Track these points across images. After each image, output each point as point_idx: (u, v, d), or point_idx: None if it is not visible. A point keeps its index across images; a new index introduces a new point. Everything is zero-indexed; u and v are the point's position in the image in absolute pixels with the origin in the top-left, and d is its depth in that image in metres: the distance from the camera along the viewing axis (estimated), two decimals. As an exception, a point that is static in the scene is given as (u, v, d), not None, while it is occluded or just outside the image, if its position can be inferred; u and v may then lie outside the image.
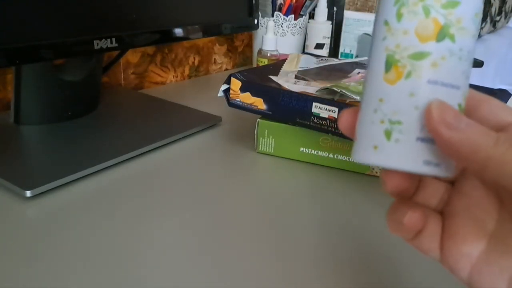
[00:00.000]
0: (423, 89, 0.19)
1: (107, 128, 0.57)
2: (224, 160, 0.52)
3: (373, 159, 0.21)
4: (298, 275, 0.34)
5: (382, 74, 0.20)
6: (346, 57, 0.92)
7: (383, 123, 0.20)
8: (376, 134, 0.21)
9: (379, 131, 0.20)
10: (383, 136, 0.20)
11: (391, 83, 0.20)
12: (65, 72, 0.57)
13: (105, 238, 0.37)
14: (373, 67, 0.21)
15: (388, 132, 0.20)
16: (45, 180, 0.43)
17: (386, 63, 0.20)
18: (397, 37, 0.20)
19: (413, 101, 0.20)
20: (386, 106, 0.20)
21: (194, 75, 0.92)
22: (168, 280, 0.33)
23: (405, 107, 0.20)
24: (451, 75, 0.20)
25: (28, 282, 0.32)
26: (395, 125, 0.20)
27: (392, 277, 0.35)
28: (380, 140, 0.20)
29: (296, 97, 0.49)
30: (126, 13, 0.54)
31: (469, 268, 0.21)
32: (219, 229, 0.39)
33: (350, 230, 0.40)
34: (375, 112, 0.21)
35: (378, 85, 0.21)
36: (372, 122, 0.21)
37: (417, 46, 0.20)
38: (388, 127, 0.20)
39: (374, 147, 0.21)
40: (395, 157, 0.20)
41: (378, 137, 0.20)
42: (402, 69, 0.20)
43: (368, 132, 0.21)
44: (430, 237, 0.23)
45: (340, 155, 0.51)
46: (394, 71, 0.20)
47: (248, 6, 0.72)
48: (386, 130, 0.20)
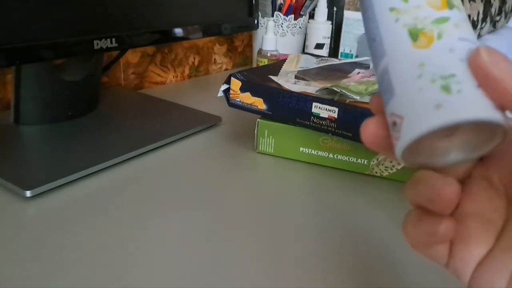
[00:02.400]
0: (458, 44, 0.20)
1: (107, 128, 0.57)
2: (224, 160, 0.52)
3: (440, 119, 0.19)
4: (298, 274, 0.34)
5: (410, 45, 0.21)
6: (346, 57, 0.92)
7: (435, 83, 0.19)
8: (432, 95, 0.19)
9: (434, 91, 0.19)
10: (442, 93, 0.19)
11: (426, 47, 0.20)
12: (65, 72, 0.57)
13: (105, 238, 0.37)
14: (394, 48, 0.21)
15: (446, 87, 0.19)
16: (45, 180, 0.43)
17: (411, 35, 0.21)
18: (411, 13, 0.21)
19: (455, 55, 0.20)
20: (431, 66, 0.20)
21: (194, 75, 0.92)
22: (168, 280, 0.33)
23: (451, 62, 0.20)
24: (472, 35, 0.21)
25: (28, 282, 0.32)
26: (450, 78, 0.19)
27: (392, 277, 0.35)
28: (441, 98, 0.19)
29: (296, 97, 0.49)
30: (126, 13, 0.54)
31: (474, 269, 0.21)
32: (219, 229, 0.39)
33: (350, 229, 0.40)
34: (419, 78, 0.20)
35: (411, 55, 0.20)
36: (420, 88, 0.20)
37: (434, 14, 0.21)
38: (444, 83, 0.19)
39: (437, 106, 0.19)
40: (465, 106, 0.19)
41: (436, 96, 0.19)
42: (431, 33, 0.20)
43: (420, 99, 0.20)
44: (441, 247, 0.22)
45: (339, 155, 0.51)
46: (423, 37, 0.20)
47: (248, 6, 0.72)
48: (443, 86, 0.19)
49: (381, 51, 0.22)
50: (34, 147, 0.50)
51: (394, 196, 0.46)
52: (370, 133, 0.22)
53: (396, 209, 0.44)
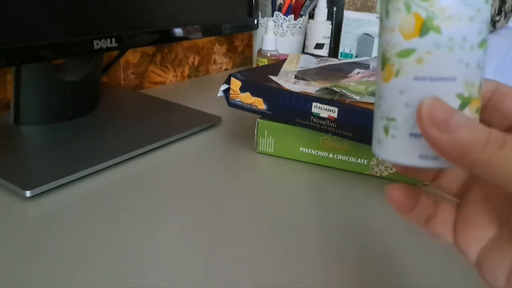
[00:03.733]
0: (411, 86, 0.19)
1: (107, 128, 0.57)
2: (224, 160, 0.52)
3: (377, 152, 0.22)
4: (298, 274, 0.34)
5: (380, 73, 0.21)
6: (346, 57, 0.92)
7: (382, 120, 0.21)
8: (379, 130, 0.21)
9: (380, 127, 0.21)
10: (383, 132, 0.21)
11: (386, 81, 0.20)
12: (65, 72, 0.57)
13: (105, 238, 0.37)
14: (377, 68, 0.22)
15: (386, 128, 0.21)
16: (45, 180, 0.43)
17: (381, 61, 0.21)
18: (386, 35, 0.20)
19: (403, 98, 0.20)
20: (383, 103, 0.21)
21: (194, 75, 0.92)
22: (168, 280, 0.33)
23: (397, 105, 0.20)
24: (440, 68, 0.19)
25: (28, 282, 0.32)
26: (391, 122, 0.21)
27: (393, 277, 0.35)
28: (381, 136, 0.21)
29: (296, 97, 0.49)
30: (126, 13, 0.54)
31: (478, 252, 0.22)
32: (219, 229, 0.39)
33: (350, 229, 0.40)
34: (378, 109, 0.21)
35: (379, 83, 0.21)
36: (377, 118, 0.22)
37: (402, 43, 0.19)
38: (386, 124, 0.21)
39: (378, 141, 0.22)
40: (393, 152, 0.21)
41: (380, 133, 0.21)
42: (392, 68, 0.20)
43: (375, 127, 0.22)
44: (442, 222, 0.23)
45: (339, 155, 0.51)
46: (386, 69, 0.20)
47: (248, 6, 0.72)
48: (384, 126, 0.21)
49: None
50: (34, 147, 0.50)
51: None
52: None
53: (396, 209, 0.44)
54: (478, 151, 0.18)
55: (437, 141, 0.18)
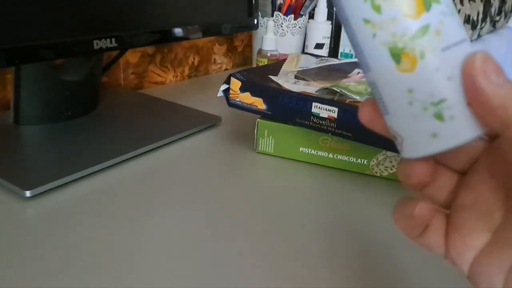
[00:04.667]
0: (443, 59, 0.19)
1: (106, 128, 0.57)
2: (224, 160, 0.52)
3: (437, 147, 0.20)
4: (298, 274, 0.34)
5: (395, 68, 0.20)
6: (346, 57, 0.92)
7: (427, 110, 0.20)
8: (427, 123, 0.20)
9: (428, 119, 0.20)
10: (436, 121, 0.20)
11: (410, 71, 0.19)
12: (64, 72, 0.57)
13: (105, 238, 0.37)
14: (378, 68, 0.20)
15: (438, 115, 0.19)
16: (45, 180, 0.43)
17: (392, 56, 0.20)
18: (388, 28, 0.19)
19: (442, 74, 0.19)
20: (420, 93, 0.20)
21: (193, 75, 0.92)
22: (168, 280, 0.33)
23: (439, 84, 0.19)
24: (455, 32, 0.19)
25: (28, 282, 0.32)
26: (441, 105, 0.19)
27: (393, 277, 0.35)
28: (436, 126, 0.20)
29: (296, 97, 0.49)
30: (126, 13, 0.54)
31: (471, 261, 0.21)
32: (219, 229, 0.39)
33: (350, 229, 0.40)
34: (411, 105, 0.20)
35: (397, 79, 0.20)
36: (414, 116, 0.20)
37: (412, 26, 0.19)
38: (436, 110, 0.19)
39: (433, 135, 0.20)
40: (459, 132, 0.20)
41: (432, 125, 0.20)
42: (412, 53, 0.19)
43: (415, 126, 0.20)
44: (435, 232, 0.23)
45: (339, 155, 0.51)
46: (405, 59, 0.19)
47: (248, 6, 0.72)
48: (435, 114, 0.19)
49: (366, 65, 0.21)
50: (34, 147, 0.50)
51: (394, 196, 0.46)
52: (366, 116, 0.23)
53: (396, 209, 0.44)
54: None
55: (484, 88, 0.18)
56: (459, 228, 0.22)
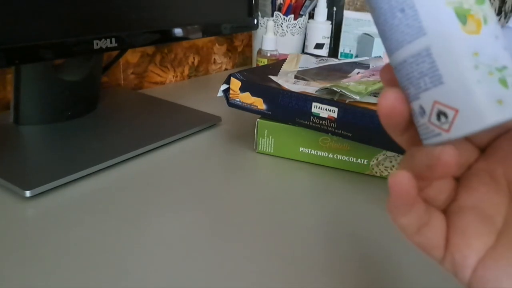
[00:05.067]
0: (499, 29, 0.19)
1: (106, 128, 0.57)
2: (223, 160, 0.52)
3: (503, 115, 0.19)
4: (298, 274, 0.34)
5: (460, 29, 0.19)
6: (346, 57, 0.92)
7: (492, 75, 0.19)
8: (492, 89, 0.19)
9: (494, 85, 0.19)
10: (500, 87, 0.19)
11: (476, 33, 0.19)
12: (64, 72, 0.57)
13: (104, 238, 0.37)
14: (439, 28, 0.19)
15: (503, 81, 0.19)
16: (45, 180, 0.43)
17: (458, 16, 0.19)
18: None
19: (500, 43, 0.19)
20: (485, 57, 0.19)
21: (193, 75, 0.92)
22: (168, 280, 0.33)
23: (500, 50, 0.19)
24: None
25: (28, 282, 0.32)
26: (505, 71, 0.19)
27: (393, 276, 0.35)
28: (501, 92, 0.19)
29: (296, 97, 0.49)
30: (126, 13, 0.54)
31: (475, 264, 0.21)
32: (219, 229, 0.39)
33: (349, 229, 0.40)
34: (476, 69, 0.19)
35: (463, 41, 0.19)
36: (479, 80, 0.19)
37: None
38: (501, 76, 0.19)
39: (498, 101, 0.19)
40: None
41: (496, 91, 0.19)
42: (477, 16, 0.19)
43: (479, 92, 0.19)
44: (435, 234, 0.22)
45: (339, 155, 0.51)
46: (471, 21, 0.19)
47: (247, 6, 0.72)
48: (500, 79, 0.19)
49: (417, 29, 0.20)
50: (34, 147, 0.50)
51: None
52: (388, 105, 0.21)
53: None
54: None
55: None
56: (462, 231, 0.21)
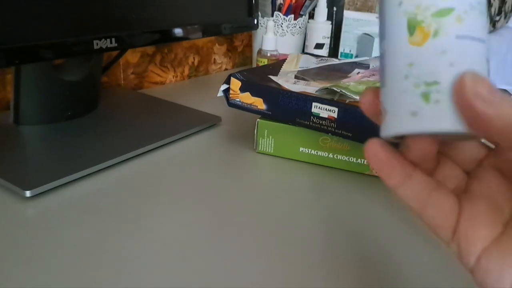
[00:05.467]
0: (454, 45, 0.19)
1: (106, 128, 0.57)
2: (223, 160, 0.52)
3: (413, 126, 0.20)
4: (298, 274, 0.34)
5: (407, 38, 0.20)
6: (346, 57, 0.92)
7: (418, 87, 0.19)
8: (412, 100, 0.20)
9: (415, 96, 0.20)
10: (421, 100, 0.19)
11: (419, 45, 0.19)
12: (64, 72, 0.57)
13: (105, 238, 0.37)
14: (392, 35, 0.20)
15: (426, 95, 0.19)
16: (45, 180, 0.43)
17: (409, 26, 0.20)
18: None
19: (447, 58, 0.19)
20: (419, 69, 0.20)
21: (193, 75, 0.92)
22: (168, 280, 0.33)
23: (440, 66, 0.19)
24: (476, 29, 0.19)
25: (28, 282, 0.32)
26: (432, 86, 0.19)
27: (393, 277, 0.35)
28: (418, 105, 0.19)
29: (296, 97, 0.49)
30: (126, 13, 0.54)
31: (479, 252, 0.21)
32: (219, 229, 0.39)
33: (349, 229, 0.40)
34: (406, 79, 0.20)
35: (404, 51, 0.20)
36: (404, 90, 0.20)
37: (439, 3, 0.19)
38: (426, 90, 0.19)
39: (412, 113, 0.20)
40: (437, 118, 0.19)
41: (415, 103, 0.20)
42: (428, 29, 0.19)
43: (401, 101, 0.20)
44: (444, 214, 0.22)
45: (339, 155, 0.51)
46: (419, 32, 0.19)
47: (247, 6, 0.72)
48: (423, 93, 0.19)
49: (382, 33, 0.21)
50: (34, 147, 0.50)
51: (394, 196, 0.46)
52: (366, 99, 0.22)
53: (396, 209, 0.44)
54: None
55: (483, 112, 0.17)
56: (472, 217, 0.21)
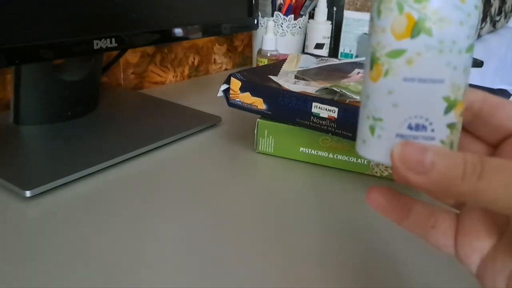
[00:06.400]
0: (399, 86, 0.20)
1: (107, 128, 0.57)
2: (224, 160, 0.52)
3: (362, 152, 0.22)
4: (297, 274, 0.34)
5: (368, 72, 0.21)
6: (346, 57, 0.92)
7: (368, 119, 0.21)
8: (364, 129, 0.22)
9: (366, 127, 0.21)
10: (368, 132, 0.21)
11: (374, 81, 0.20)
12: (64, 72, 0.57)
13: (105, 238, 0.37)
14: (365, 65, 0.22)
15: (372, 128, 0.21)
16: (45, 180, 0.43)
17: (371, 61, 0.21)
18: (377, 35, 0.20)
19: (391, 98, 0.20)
20: (371, 103, 0.21)
21: (193, 75, 0.92)
22: (168, 280, 0.33)
23: (384, 105, 0.20)
24: (429, 70, 0.19)
25: (28, 282, 0.32)
26: (377, 122, 0.21)
27: (393, 277, 0.35)
28: (367, 135, 0.21)
29: (296, 97, 0.48)
30: (126, 13, 0.54)
31: (478, 262, 0.22)
32: (219, 229, 0.39)
33: (349, 229, 0.40)
34: (364, 108, 0.22)
35: (366, 82, 0.21)
36: (362, 117, 0.22)
37: (392, 44, 0.19)
38: (372, 123, 0.21)
39: (363, 141, 0.22)
40: (379, 152, 0.21)
41: (365, 132, 0.22)
42: (381, 67, 0.20)
43: (360, 126, 0.22)
44: (444, 233, 0.23)
45: (339, 155, 0.51)
46: (375, 69, 0.20)
47: (248, 6, 0.72)
48: (370, 126, 0.21)
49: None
50: (34, 147, 0.50)
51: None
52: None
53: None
54: (459, 184, 0.18)
55: (417, 184, 0.19)
56: (467, 231, 0.22)
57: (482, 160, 0.18)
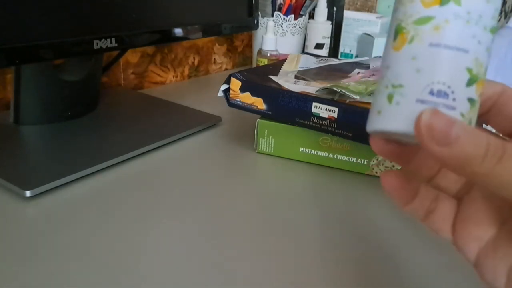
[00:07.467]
0: (424, 52, 0.20)
1: (107, 128, 0.57)
2: (224, 160, 0.52)
3: (376, 124, 0.21)
4: (298, 274, 0.34)
5: (391, 44, 0.21)
6: (346, 57, 0.92)
7: (386, 88, 0.21)
8: (381, 100, 0.21)
9: (383, 97, 0.21)
10: (386, 100, 0.21)
11: (397, 50, 0.20)
12: (64, 72, 0.57)
13: (105, 238, 0.37)
14: (387, 41, 0.22)
15: (390, 96, 0.21)
16: (45, 180, 0.43)
17: (395, 32, 0.21)
18: (405, 7, 0.20)
19: (415, 64, 0.20)
20: (391, 71, 0.21)
21: (194, 75, 0.92)
22: (167, 280, 0.33)
23: (406, 71, 0.20)
24: (456, 38, 0.20)
25: (28, 282, 0.32)
26: (397, 89, 0.20)
27: (393, 277, 0.35)
28: (383, 105, 0.21)
29: (296, 97, 0.49)
30: (126, 13, 0.54)
31: (477, 251, 0.22)
32: (219, 229, 0.39)
33: (350, 229, 0.40)
34: (381, 80, 0.21)
35: (387, 54, 0.21)
36: (379, 90, 0.21)
37: (420, 11, 0.20)
38: (391, 91, 0.21)
39: (378, 112, 0.21)
40: (394, 119, 0.20)
41: (381, 102, 0.21)
42: (406, 35, 0.20)
43: (375, 100, 0.22)
44: (442, 218, 0.23)
45: (339, 155, 0.51)
46: (399, 38, 0.20)
47: (248, 6, 0.72)
48: (388, 94, 0.21)
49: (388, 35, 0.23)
50: (34, 147, 0.50)
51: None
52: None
53: (396, 209, 0.44)
54: (477, 164, 0.18)
55: (437, 154, 0.18)
56: (466, 219, 0.22)
57: (504, 145, 0.18)
